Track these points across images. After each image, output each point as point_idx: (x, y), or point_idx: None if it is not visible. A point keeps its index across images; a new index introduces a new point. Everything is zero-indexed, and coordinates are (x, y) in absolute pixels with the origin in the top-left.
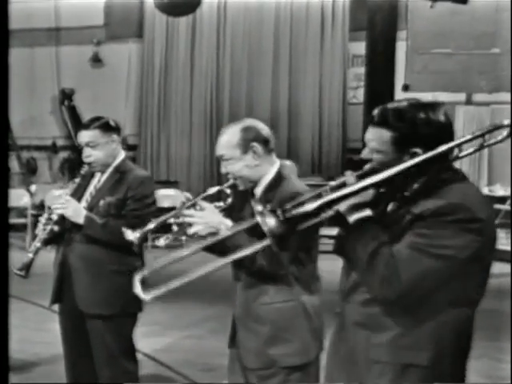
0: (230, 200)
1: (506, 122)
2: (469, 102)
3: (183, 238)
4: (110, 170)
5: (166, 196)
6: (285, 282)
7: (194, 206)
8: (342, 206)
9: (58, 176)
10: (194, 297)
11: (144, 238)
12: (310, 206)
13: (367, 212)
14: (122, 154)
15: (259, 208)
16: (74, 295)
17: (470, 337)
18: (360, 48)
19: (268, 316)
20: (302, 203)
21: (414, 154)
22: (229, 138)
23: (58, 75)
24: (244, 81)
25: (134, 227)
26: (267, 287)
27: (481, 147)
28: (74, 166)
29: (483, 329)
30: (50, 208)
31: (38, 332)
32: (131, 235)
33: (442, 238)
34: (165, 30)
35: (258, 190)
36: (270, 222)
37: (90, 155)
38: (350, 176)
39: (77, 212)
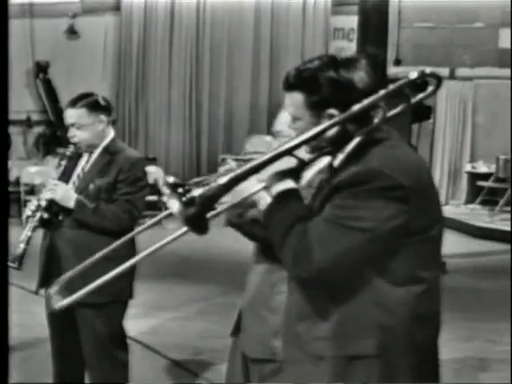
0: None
1: (427, 70)
2: (452, 76)
3: None
4: (98, 150)
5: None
6: None
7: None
8: (264, 178)
9: (33, 152)
10: (179, 277)
11: None
12: (219, 182)
13: (290, 184)
14: (111, 134)
15: (165, 190)
16: None
17: (427, 320)
18: (342, 21)
19: (280, 306)
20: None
21: (331, 117)
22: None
23: (33, 48)
24: (224, 54)
25: (125, 212)
26: (285, 275)
27: (407, 105)
28: (49, 142)
29: (473, 309)
30: (26, 184)
31: (17, 314)
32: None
33: (358, 209)
34: (143, 3)
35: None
36: (174, 206)
37: (75, 136)
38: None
39: (66, 196)
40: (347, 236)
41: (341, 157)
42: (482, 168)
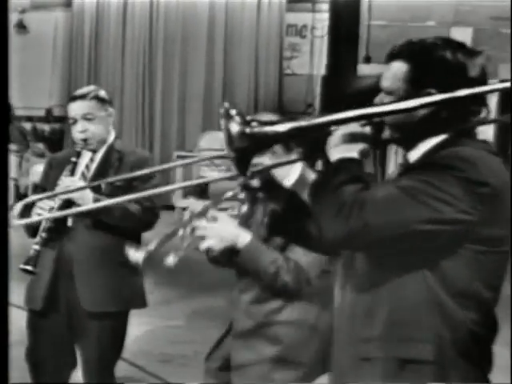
0: (245, 208)
1: None
2: None
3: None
4: (104, 147)
5: None
6: (300, 298)
7: (204, 214)
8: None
9: None
10: None
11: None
12: (290, 125)
13: (353, 154)
14: (113, 131)
15: (232, 111)
16: (71, 293)
17: (488, 332)
18: (294, 18)
19: (278, 337)
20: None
21: (429, 95)
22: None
23: None
24: (178, 50)
25: (147, 210)
26: (282, 304)
27: None
28: None
29: None
30: (36, 187)
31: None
32: (134, 255)
33: (437, 189)
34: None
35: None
36: (232, 128)
37: (86, 129)
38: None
39: (85, 195)
40: (413, 208)
41: (420, 150)
42: None
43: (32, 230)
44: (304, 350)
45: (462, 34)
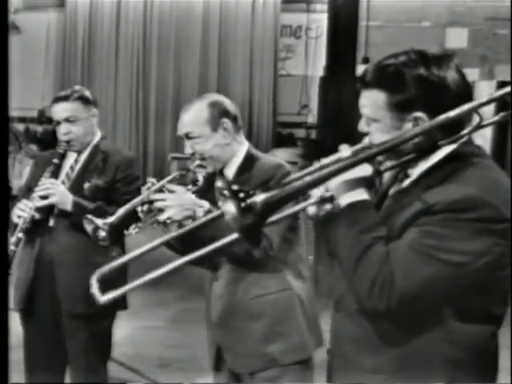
0: (201, 181)
1: None
2: None
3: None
4: (89, 148)
5: None
6: (273, 269)
7: (160, 190)
8: (332, 186)
9: None
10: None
11: (117, 231)
12: (285, 188)
13: (363, 195)
14: (99, 131)
15: (221, 185)
16: (53, 294)
17: (495, 359)
18: (289, 19)
19: (262, 310)
20: (283, 184)
21: (417, 120)
22: (196, 114)
23: None
24: (172, 51)
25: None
26: (256, 277)
27: (509, 113)
28: None
29: None
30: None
31: None
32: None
33: (455, 241)
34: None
35: (229, 172)
36: (230, 210)
37: (70, 132)
38: (345, 150)
39: (64, 197)
40: (437, 269)
41: (422, 167)
42: None
43: (14, 227)
44: (289, 321)
45: (458, 35)
